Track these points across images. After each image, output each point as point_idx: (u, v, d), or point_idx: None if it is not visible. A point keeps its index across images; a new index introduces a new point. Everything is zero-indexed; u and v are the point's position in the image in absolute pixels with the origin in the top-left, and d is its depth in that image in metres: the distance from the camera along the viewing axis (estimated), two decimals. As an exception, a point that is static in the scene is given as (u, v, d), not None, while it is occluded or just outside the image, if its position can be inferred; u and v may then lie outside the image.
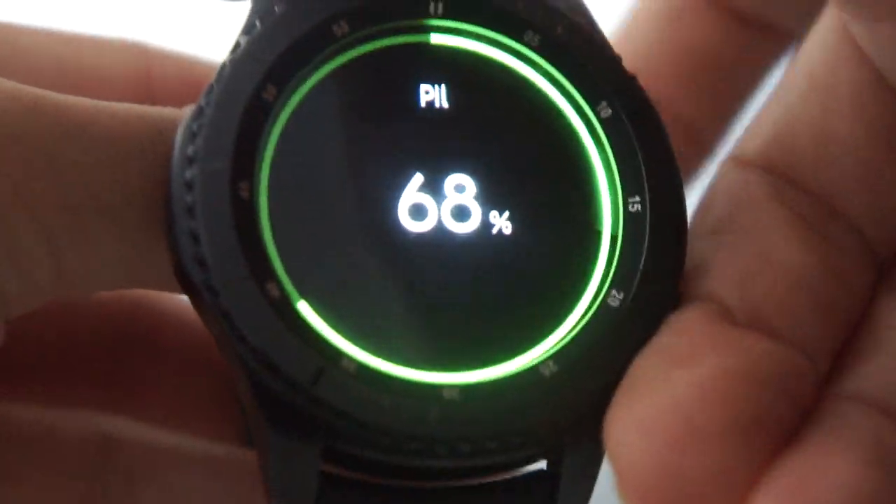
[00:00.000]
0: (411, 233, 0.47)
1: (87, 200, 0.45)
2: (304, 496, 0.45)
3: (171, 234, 0.45)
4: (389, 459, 0.45)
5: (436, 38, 0.48)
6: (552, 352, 0.46)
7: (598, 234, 0.48)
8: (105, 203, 0.45)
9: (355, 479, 0.46)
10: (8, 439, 0.54)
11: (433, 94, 0.48)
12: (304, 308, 0.45)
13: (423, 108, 0.48)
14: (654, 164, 0.47)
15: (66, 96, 0.46)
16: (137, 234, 0.46)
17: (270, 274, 0.45)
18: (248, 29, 0.47)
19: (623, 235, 0.47)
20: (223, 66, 0.46)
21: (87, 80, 0.54)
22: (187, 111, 0.48)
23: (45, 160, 0.44)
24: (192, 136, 0.45)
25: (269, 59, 0.46)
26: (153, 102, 0.52)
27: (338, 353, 0.45)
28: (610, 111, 0.48)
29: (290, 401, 0.45)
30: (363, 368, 0.45)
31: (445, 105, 0.48)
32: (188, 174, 0.45)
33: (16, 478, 0.53)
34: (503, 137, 0.48)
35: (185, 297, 0.51)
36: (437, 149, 0.47)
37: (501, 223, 0.47)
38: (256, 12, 0.47)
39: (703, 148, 0.53)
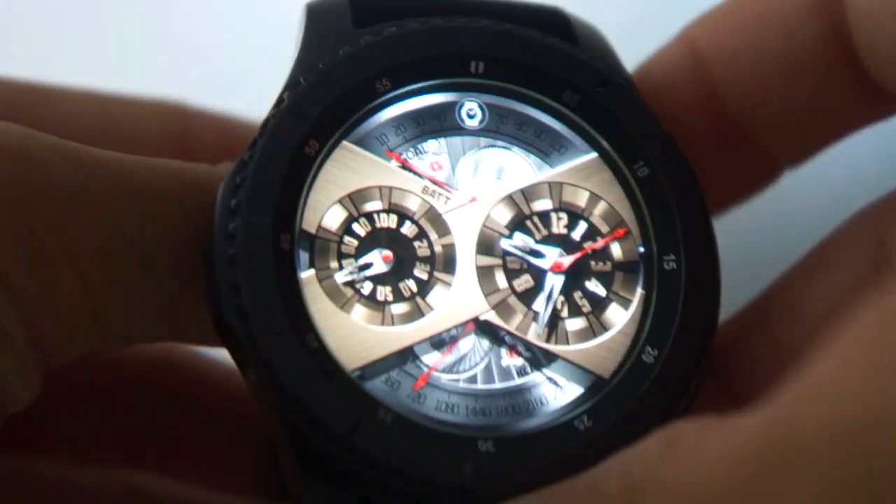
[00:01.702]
0: None
1: (126, 252, 0.45)
2: None
3: (212, 285, 0.45)
4: None
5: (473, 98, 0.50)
6: (587, 406, 0.46)
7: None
8: (144, 255, 0.45)
9: None
10: (37, 497, 0.52)
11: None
12: None
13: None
14: (690, 224, 0.48)
15: (105, 151, 0.46)
16: (174, 285, 0.46)
17: (310, 326, 0.45)
18: (292, 85, 0.47)
19: (657, 293, 0.48)
20: (267, 120, 0.47)
21: (125, 140, 0.55)
22: (222, 168, 0.48)
23: (88, 211, 0.44)
24: (235, 188, 0.46)
25: (313, 115, 0.47)
26: (191, 160, 0.53)
27: (375, 404, 0.45)
28: (647, 171, 0.49)
29: (327, 451, 0.44)
30: (400, 419, 0.45)
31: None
32: (231, 226, 0.45)
33: None
34: None
35: (214, 355, 0.51)
36: None
37: None
38: (301, 69, 0.48)
39: (768, 176, 0.54)
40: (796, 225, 0.63)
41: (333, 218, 0.47)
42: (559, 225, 0.49)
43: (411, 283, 0.47)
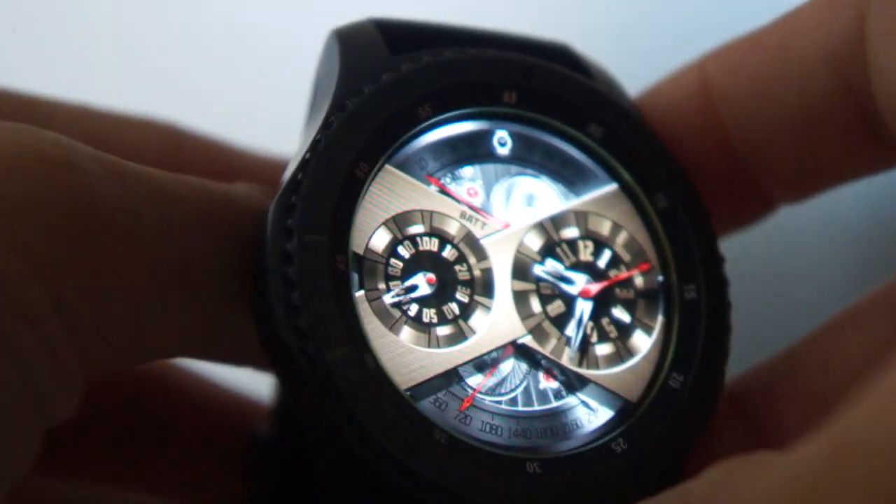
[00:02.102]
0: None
1: (168, 267, 0.44)
2: None
3: (263, 305, 0.45)
4: None
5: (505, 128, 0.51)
6: (621, 430, 0.48)
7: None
8: (183, 269, 0.45)
9: None
10: None
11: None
12: None
13: None
14: (706, 254, 0.50)
15: (141, 166, 0.45)
16: (211, 301, 0.46)
17: (367, 346, 0.46)
18: (338, 107, 0.48)
19: (679, 321, 0.50)
20: (317, 141, 0.47)
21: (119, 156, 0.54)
22: (241, 188, 0.48)
23: (131, 223, 0.43)
24: (289, 208, 0.46)
25: (361, 139, 0.47)
26: None
27: (430, 424, 0.45)
28: (666, 203, 0.51)
29: (382, 473, 0.45)
30: (453, 440, 0.45)
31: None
32: (288, 246, 0.45)
33: None
34: None
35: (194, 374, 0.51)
36: None
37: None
38: (343, 92, 0.48)
39: (764, 210, 0.55)
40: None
41: (380, 240, 0.48)
42: (586, 252, 0.50)
43: (454, 306, 0.48)
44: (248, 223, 0.47)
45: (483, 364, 0.48)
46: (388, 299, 0.47)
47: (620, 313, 0.50)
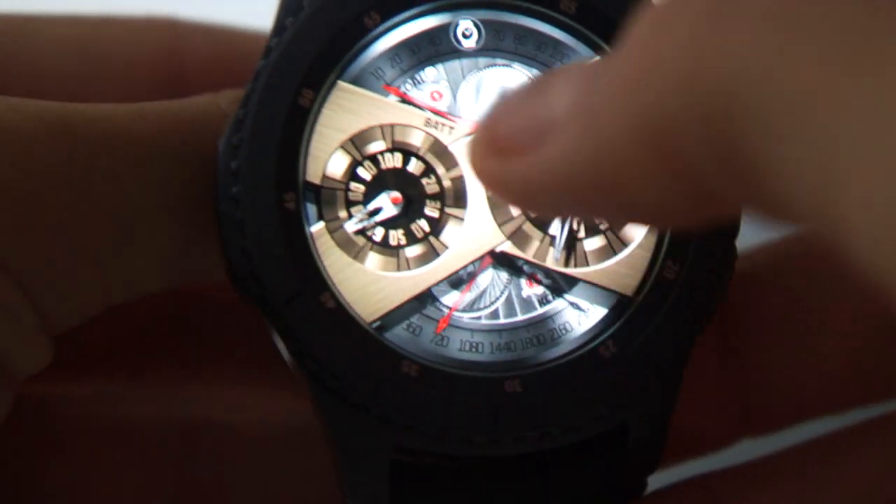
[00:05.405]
0: None
1: (124, 211, 0.44)
2: (378, 491, 0.45)
3: (224, 249, 0.45)
4: (458, 454, 0.45)
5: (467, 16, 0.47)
6: (611, 332, 0.46)
7: None
8: (143, 211, 0.44)
9: (426, 462, 0.46)
10: (92, 424, 0.53)
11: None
12: None
13: None
14: None
15: (95, 106, 0.45)
16: (178, 236, 0.45)
17: (324, 285, 0.45)
18: (278, 31, 0.45)
19: None
20: (258, 73, 0.45)
21: (113, 63, 0.53)
22: (224, 97, 0.47)
23: (79, 177, 0.43)
24: (233, 149, 0.45)
25: (303, 64, 0.45)
26: (185, 78, 0.51)
27: (398, 357, 0.45)
28: None
29: (355, 408, 0.45)
30: (425, 370, 0.45)
31: None
32: (234, 190, 0.44)
33: (103, 465, 0.53)
34: None
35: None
36: None
37: None
38: (286, 12, 0.46)
39: None
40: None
41: (337, 165, 0.46)
42: None
43: (423, 223, 0.46)
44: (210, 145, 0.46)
45: (459, 280, 0.46)
46: (350, 227, 0.46)
47: None
